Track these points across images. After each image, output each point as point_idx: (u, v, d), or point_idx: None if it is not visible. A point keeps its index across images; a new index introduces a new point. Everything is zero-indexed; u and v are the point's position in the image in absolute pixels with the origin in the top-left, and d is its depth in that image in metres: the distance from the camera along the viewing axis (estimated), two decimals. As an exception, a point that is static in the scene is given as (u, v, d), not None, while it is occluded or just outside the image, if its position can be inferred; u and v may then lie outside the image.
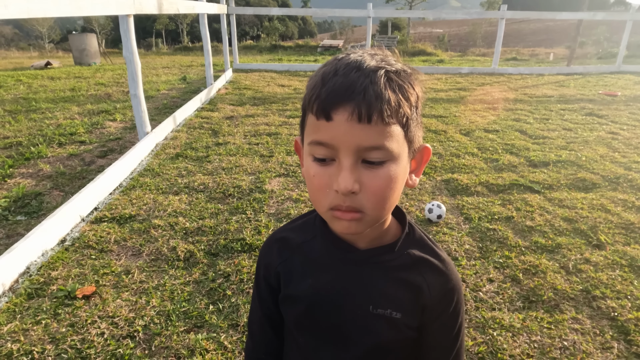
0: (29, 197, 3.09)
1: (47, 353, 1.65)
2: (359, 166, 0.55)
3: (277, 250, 0.73)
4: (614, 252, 2.43)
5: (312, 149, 0.58)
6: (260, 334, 0.79)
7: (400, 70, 0.57)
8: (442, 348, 0.70)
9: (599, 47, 24.23)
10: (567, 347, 1.73)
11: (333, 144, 0.55)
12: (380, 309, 0.65)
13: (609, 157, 4.11)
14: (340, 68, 0.55)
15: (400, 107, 0.54)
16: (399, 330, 0.66)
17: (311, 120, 0.57)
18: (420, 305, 0.66)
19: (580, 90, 8.32)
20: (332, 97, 0.53)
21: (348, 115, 0.53)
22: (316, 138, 0.56)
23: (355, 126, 0.53)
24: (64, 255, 2.33)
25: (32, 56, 20.52)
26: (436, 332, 0.68)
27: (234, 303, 1.97)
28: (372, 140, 0.54)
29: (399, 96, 0.54)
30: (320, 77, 0.56)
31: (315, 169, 0.58)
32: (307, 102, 0.57)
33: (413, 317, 0.66)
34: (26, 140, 4.43)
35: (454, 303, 0.67)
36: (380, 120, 0.53)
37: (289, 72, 10.70)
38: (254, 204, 2.97)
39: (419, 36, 36.66)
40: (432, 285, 0.66)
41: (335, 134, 0.54)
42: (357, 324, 0.66)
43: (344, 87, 0.53)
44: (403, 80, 0.56)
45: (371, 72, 0.54)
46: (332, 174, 0.56)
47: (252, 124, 5.23)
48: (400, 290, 0.66)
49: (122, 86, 8.00)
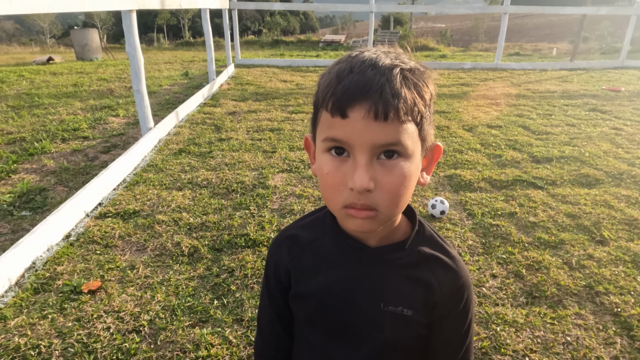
0: (34, 192, 3.10)
1: (53, 347, 1.67)
2: (374, 164, 0.55)
3: (287, 248, 0.73)
4: (617, 248, 2.44)
5: (327, 146, 0.58)
6: (269, 331, 0.79)
7: (414, 68, 0.57)
8: (451, 344, 0.70)
9: (603, 42, 24.06)
10: (570, 343, 1.74)
11: (348, 142, 0.55)
12: (391, 306, 0.66)
13: (612, 152, 4.10)
14: (356, 65, 0.55)
15: (416, 105, 0.55)
16: (410, 327, 0.66)
17: (325, 117, 0.57)
18: (431, 302, 0.66)
19: (583, 86, 8.28)
20: (349, 95, 0.53)
21: (364, 113, 0.53)
22: (331, 135, 0.56)
23: (372, 124, 0.53)
24: (69, 250, 2.35)
25: (33, 51, 20.51)
26: (446, 329, 0.69)
27: (238, 298, 1.98)
28: (388, 138, 0.54)
29: (414, 94, 0.55)
30: (335, 74, 0.56)
31: (329, 167, 0.57)
32: (322, 99, 0.57)
33: (424, 314, 0.66)
34: (29, 135, 4.44)
35: (464, 300, 0.68)
36: (397, 118, 0.53)
37: (291, 67, 10.68)
38: (257, 200, 2.98)
39: (422, 31, 36.50)
40: (443, 282, 0.66)
41: (351, 131, 0.54)
42: (368, 321, 0.67)
43: (360, 85, 0.53)
44: (418, 79, 0.56)
45: (387, 70, 0.54)
46: (347, 172, 0.56)
47: (255, 120, 5.23)
48: (410, 288, 0.66)
49: (125, 82, 8.00)
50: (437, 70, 8.60)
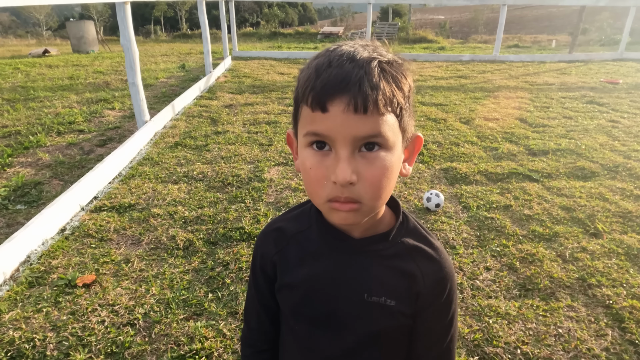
0: (29, 186, 3.10)
1: (48, 340, 1.68)
2: (355, 157, 0.56)
3: (273, 240, 0.74)
4: (610, 240, 2.45)
5: (309, 140, 0.58)
6: (256, 322, 0.81)
7: (392, 60, 0.57)
8: (435, 335, 0.71)
9: (602, 33, 23.95)
10: (561, 335, 1.75)
11: (329, 135, 0.55)
12: (375, 296, 0.66)
13: (608, 145, 4.11)
14: (334, 59, 0.55)
15: (395, 97, 0.55)
16: (394, 317, 0.67)
17: (306, 112, 0.57)
18: (415, 292, 0.67)
19: (581, 78, 8.26)
20: (328, 89, 0.54)
21: (344, 106, 0.53)
22: (312, 129, 0.57)
23: (352, 117, 0.53)
24: (64, 244, 2.35)
25: (29, 44, 20.35)
26: (430, 319, 0.70)
27: (232, 291, 1.99)
28: (368, 130, 0.54)
29: (392, 86, 0.55)
30: (314, 68, 0.56)
31: (312, 161, 0.58)
32: (302, 94, 0.57)
33: (407, 305, 0.67)
34: (25, 129, 4.42)
35: (447, 290, 0.69)
36: (376, 111, 0.54)
37: (288, 59, 10.63)
38: (252, 193, 2.98)
39: (420, 23, 36.26)
40: (426, 273, 0.67)
41: (332, 125, 0.54)
42: (352, 311, 0.68)
43: (339, 79, 0.53)
44: (396, 71, 0.57)
45: (365, 63, 0.54)
46: (329, 166, 0.56)
47: (251, 113, 5.22)
48: (394, 278, 0.67)
49: (121, 74, 7.95)
50: (436, 63, 8.54)
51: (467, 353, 1.66)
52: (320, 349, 0.71)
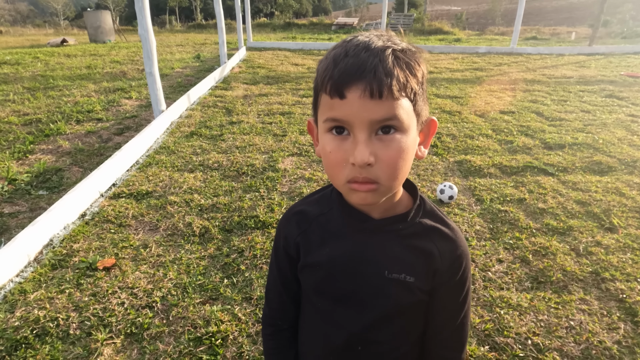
0: (50, 172, 3.18)
1: (71, 320, 1.74)
2: (373, 140, 0.59)
3: (295, 223, 0.78)
4: (626, 235, 2.43)
5: (328, 126, 0.61)
6: (277, 302, 0.85)
7: (405, 48, 0.61)
8: (450, 311, 0.75)
9: (624, 26, 23.31)
10: (573, 327, 1.76)
11: (348, 120, 0.59)
12: (395, 273, 0.70)
13: (627, 140, 4.04)
14: (350, 49, 0.59)
15: (408, 82, 0.59)
16: (412, 293, 0.71)
17: (325, 99, 0.61)
18: (432, 270, 0.71)
19: (601, 71, 8.09)
20: (345, 77, 0.57)
21: (360, 92, 0.57)
22: (331, 115, 0.60)
23: (368, 102, 0.57)
24: (84, 228, 2.42)
25: (47, 33, 20.64)
26: (445, 296, 0.73)
27: (247, 277, 2.03)
28: (384, 114, 0.58)
29: (406, 72, 0.59)
30: (332, 59, 0.60)
31: (332, 145, 0.62)
32: (320, 83, 0.61)
33: (425, 281, 0.71)
34: (45, 117, 4.53)
35: (462, 268, 0.72)
36: (391, 95, 0.57)
37: (302, 50, 10.61)
38: (267, 183, 3.02)
39: (436, 14, 35.77)
40: (443, 251, 0.71)
41: (350, 110, 0.58)
42: (373, 288, 0.71)
43: (355, 67, 0.57)
44: (409, 58, 0.60)
45: (379, 52, 0.58)
46: (348, 149, 0.60)
47: (266, 103, 5.24)
48: (413, 256, 0.70)
49: (137, 64, 8.04)
50: (451, 55, 8.48)
51: (478, 342, 1.68)
52: (342, 325, 0.74)
